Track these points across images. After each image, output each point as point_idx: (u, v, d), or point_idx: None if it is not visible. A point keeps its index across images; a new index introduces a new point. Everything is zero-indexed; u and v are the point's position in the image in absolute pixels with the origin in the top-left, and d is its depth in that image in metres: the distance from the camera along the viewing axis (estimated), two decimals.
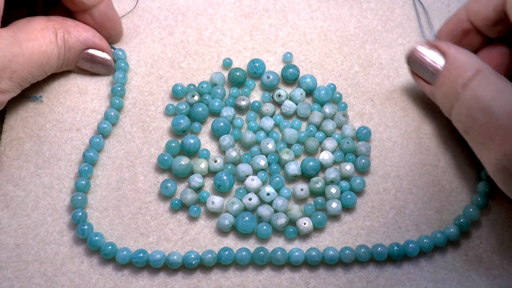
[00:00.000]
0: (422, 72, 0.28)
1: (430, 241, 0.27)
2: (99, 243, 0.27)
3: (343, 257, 0.27)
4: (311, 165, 0.28)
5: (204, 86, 0.30)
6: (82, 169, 0.28)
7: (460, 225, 0.28)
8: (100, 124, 0.29)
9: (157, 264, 0.27)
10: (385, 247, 0.27)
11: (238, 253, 0.27)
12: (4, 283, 0.27)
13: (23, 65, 0.26)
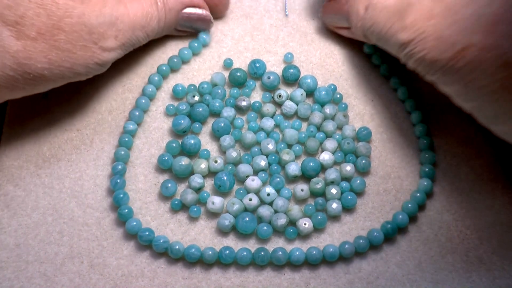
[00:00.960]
0: (338, 21, 0.30)
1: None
2: (136, 228, 0.28)
3: (343, 252, 0.27)
4: (312, 166, 0.28)
5: (205, 86, 0.30)
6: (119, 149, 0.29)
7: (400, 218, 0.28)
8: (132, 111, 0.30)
9: (158, 247, 0.27)
10: (380, 231, 0.28)
11: (239, 253, 0.27)
12: (4, 283, 0.27)
13: (128, 24, 0.27)
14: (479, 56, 0.21)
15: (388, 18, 0.25)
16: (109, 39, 0.27)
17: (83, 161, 0.29)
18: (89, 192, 0.29)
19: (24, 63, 0.24)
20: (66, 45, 0.25)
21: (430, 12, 0.23)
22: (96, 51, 0.26)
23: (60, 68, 0.25)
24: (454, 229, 0.28)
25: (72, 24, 0.25)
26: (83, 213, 0.28)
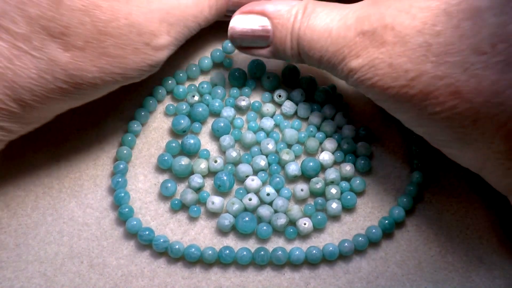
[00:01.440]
0: (253, 43, 0.27)
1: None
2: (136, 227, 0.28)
3: (343, 250, 0.27)
4: (311, 166, 0.28)
5: (205, 86, 0.30)
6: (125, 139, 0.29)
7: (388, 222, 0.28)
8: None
9: (158, 247, 0.27)
10: (378, 227, 0.28)
11: (239, 252, 0.27)
12: (4, 283, 0.27)
13: (179, 17, 0.26)
14: (431, 85, 0.22)
15: (331, 43, 0.25)
16: (161, 37, 0.25)
17: (83, 161, 0.29)
18: (89, 192, 0.29)
19: (75, 75, 0.23)
20: (116, 51, 0.24)
21: (382, 40, 0.23)
22: (148, 52, 0.25)
23: (112, 75, 0.24)
24: (454, 229, 0.28)
25: (119, 28, 0.24)
26: (83, 213, 0.28)
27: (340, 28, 0.24)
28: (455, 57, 0.21)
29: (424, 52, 0.22)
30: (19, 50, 0.22)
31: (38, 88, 0.23)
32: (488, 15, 0.21)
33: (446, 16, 0.21)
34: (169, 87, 0.30)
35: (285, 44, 0.26)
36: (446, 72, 0.21)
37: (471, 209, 0.29)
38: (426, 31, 0.22)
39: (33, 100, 0.24)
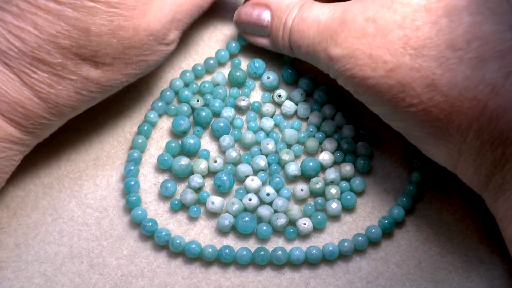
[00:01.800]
0: (254, 30, 0.30)
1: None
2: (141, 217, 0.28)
3: (343, 250, 0.27)
4: (311, 166, 0.28)
5: (206, 86, 0.30)
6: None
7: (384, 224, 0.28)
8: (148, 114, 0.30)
9: (160, 239, 0.27)
10: (378, 227, 0.28)
11: (239, 252, 0.27)
12: (4, 283, 0.27)
13: (187, 11, 0.28)
14: (408, 76, 0.23)
15: (318, 33, 0.26)
16: (172, 33, 0.27)
17: (83, 161, 0.29)
18: (88, 192, 0.29)
19: (106, 85, 0.26)
20: (138, 58, 0.26)
21: (363, 31, 0.24)
22: (162, 49, 0.27)
23: (136, 76, 0.27)
24: (454, 228, 0.28)
25: (141, 39, 0.26)
26: (82, 213, 0.28)
27: (327, 19, 0.25)
28: (432, 51, 0.22)
29: (403, 44, 0.23)
30: (57, 77, 0.25)
31: (77, 103, 0.26)
32: (465, 13, 0.22)
33: (426, 12, 0.23)
34: (188, 79, 0.31)
35: (278, 35, 0.28)
36: (423, 65, 0.22)
37: (471, 209, 0.29)
38: (406, 25, 0.23)
39: (71, 112, 0.26)
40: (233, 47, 0.31)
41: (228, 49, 0.31)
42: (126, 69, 0.26)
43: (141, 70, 0.27)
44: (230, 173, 0.29)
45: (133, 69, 0.27)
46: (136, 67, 0.27)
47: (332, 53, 0.25)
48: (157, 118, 0.30)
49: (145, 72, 0.28)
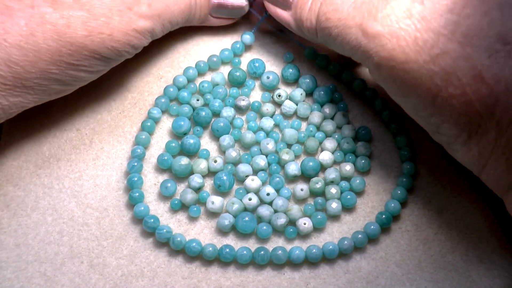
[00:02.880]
0: (277, 2, 0.29)
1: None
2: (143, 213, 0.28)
3: (342, 248, 0.27)
4: (311, 165, 0.28)
5: (205, 85, 0.30)
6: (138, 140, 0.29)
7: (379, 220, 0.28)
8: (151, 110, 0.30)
9: (161, 236, 0.27)
10: (376, 223, 0.28)
11: (239, 251, 0.27)
12: (4, 283, 0.27)
13: (163, 4, 0.27)
14: (455, 64, 0.22)
15: (354, 8, 0.24)
16: (143, 6, 0.27)
17: (83, 161, 0.29)
18: (88, 192, 0.29)
19: (64, 32, 0.25)
20: (101, 11, 0.25)
21: (409, 12, 0.23)
22: (132, 17, 0.26)
23: (101, 36, 0.25)
24: (454, 228, 0.28)
25: None
26: (82, 213, 0.28)
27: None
28: (482, 41, 0.21)
29: (452, 31, 0.22)
30: (9, 9, 0.24)
31: (28, 46, 0.24)
32: None
33: (477, 1, 0.22)
34: (180, 84, 0.31)
35: (305, 7, 0.27)
36: (472, 54, 0.21)
37: (471, 209, 0.29)
38: (456, 11, 0.22)
39: (23, 62, 0.24)
40: (238, 48, 0.31)
41: (232, 49, 0.31)
42: (87, 20, 0.25)
43: (106, 31, 0.26)
44: (230, 173, 0.29)
45: (97, 25, 0.25)
46: (99, 23, 0.25)
47: (370, 29, 0.23)
48: (160, 114, 0.30)
49: (114, 44, 0.26)
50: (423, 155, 0.30)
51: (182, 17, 0.29)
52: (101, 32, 0.25)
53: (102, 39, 0.26)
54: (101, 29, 0.25)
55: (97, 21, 0.25)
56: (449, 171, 0.29)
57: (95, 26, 0.25)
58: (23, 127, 0.30)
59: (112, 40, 0.26)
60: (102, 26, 0.25)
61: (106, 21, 0.26)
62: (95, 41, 0.25)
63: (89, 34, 0.25)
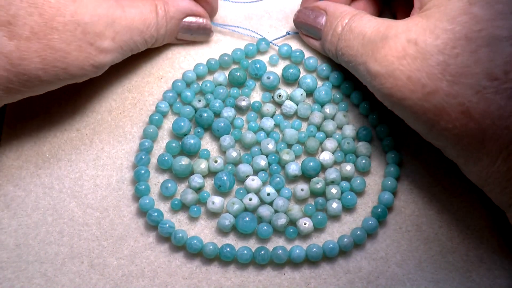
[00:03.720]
0: (309, 31, 0.31)
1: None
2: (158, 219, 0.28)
3: (342, 245, 0.27)
4: (312, 166, 0.28)
5: (208, 85, 0.30)
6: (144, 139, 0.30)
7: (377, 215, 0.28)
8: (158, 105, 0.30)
9: (163, 231, 0.27)
10: (372, 218, 0.28)
11: (239, 250, 0.27)
12: (4, 283, 0.27)
13: (125, 27, 0.27)
14: (444, 101, 0.23)
15: (362, 45, 0.26)
16: (106, 40, 0.26)
17: (83, 161, 0.29)
18: (89, 192, 0.29)
19: (17, 63, 0.24)
20: (60, 45, 0.25)
21: (404, 52, 0.24)
22: (92, 52, 0.26)
23: (55, 69, 0.25)
24: (454, 228, 0.28)
25: (65, 23, 0.25)
26: (83, 213, 0.28)
27: (372, 33, 0.26)
28: (469, 79, 0.23)
29: (442, 70, 0.23)
30: None
31: None
32: (506, 44, 0.22)
33: (466, 41, 0.23)
34: (189, 79, 0.31)
35: (327, 39, 0.29)
36: (460, 92, 0.23)
37: (471, 209, 0.29)
38: (446, 51, 0.23)
39: None
40: (250, 49, 0.31)
41: (245, 50, 0.32)
42: (44, 52, 0.25)
43: (61, 64, 0.25)
44: (231, 173, 0.29)
45: (52, 57, 0.25)
46: (56, 56, 0.25)
47: (371, 69, 0.25)
48: (168, 108, 0.30)
49: (67, 76, 0.26)
50: (423, 155, 0.30)
51: (145, 46, 0.29)
52: (56, 66, 0.25)
53: (56, 72, 0.25)
54: (56, 63, 0.25)
55: (54, 55, 0.25)
56: (450, 172, 0.29)
57: (51, 60, 0.25)
58: (23, 127, 0.30)
59: (67, 74, 0.26)
60: (58, 60, 0.25)
61: (63, 55, 0.25)
62: (49, 73, 0.25)
63: (43, 67, 0.25)
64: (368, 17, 0.27)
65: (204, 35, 0.31)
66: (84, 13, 0.25)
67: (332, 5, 0.30)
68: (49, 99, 0.30)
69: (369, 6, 0.31)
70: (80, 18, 0.25)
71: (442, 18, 0.24)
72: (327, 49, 0.30)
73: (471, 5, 0.23)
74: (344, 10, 0.29)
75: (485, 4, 0.23)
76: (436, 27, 0.24)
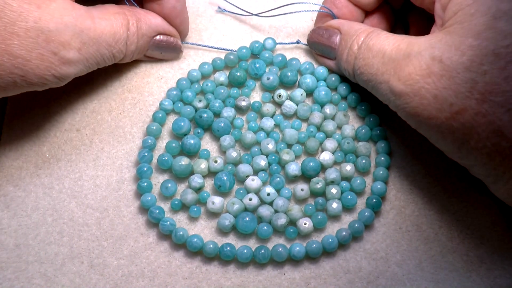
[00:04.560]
0: (323, 51, 0.30)
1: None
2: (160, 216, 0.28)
3: (341, 239, 0.27)
4: (311, 166, 0.28)
5: (209, 84, 0.30)
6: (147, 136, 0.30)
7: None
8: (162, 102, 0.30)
9: (164, 228, 0.27)
10: (368, 209, 0.28)
11: (240, 249, 0.27)
12: (4, 284, 0.27)
13: (93, 39, 0.26)
14: (473, 120, 0.23)
15: (382, 64, 0.26)
16: (72, 51, 0.25)
17: (83, 161, 0.29)
18: (89, 192, 0.29)
19: None
20: (20, 51, 0.24)
21: (429, 70, 0.23)
22: (54, 62, 0.25)
23: (12, 76, 0.24)
24: (454, 228, 0.28)
25: (27, 29, 0.24)
26: (83, 213, 0.28)
27: (392, 50, 0.25)
28: (499, 97, 0.22)
29: (470, 88, 0.22)
30: None
31: None
32: None
33: (494, 57, 0.22)
34: (194, 78, 0.31)
35: (343, 58, 0.29)
36: (490, 110, 0.22)
37: (471, 209, 0.29)
38: (473, 68, 0.22)
39: None
40: (256, 47, 0.31)
41: (250, 48, 0.31)
42: (1, 57, 0.23)
43: (19, 72, 0.24)
44: (231, 173, 0.29)
45: (10, 63, 0.24)
46: (14, 63, 0.24)
47: (395, 88, 0.25)
48: (172, 106, 0.30)
49: (25, 84, 0.25)
50: (423, 155, 0.30)
51: (113, 60, 0.28)
52: (13, 73, 0.24)
53: (13, 79, 0.24)
54: (14, 69, 0.24)
55: (12, 61, 0.24)
56: (450, 172, 0.29)
57: (8, 66, 0.24)
58: (23, 127, 0.30)
59: (25, 81, 0.25)
60: (16, 67, 0.24)
61: (23, 63, 0.24)
62: (5, 79, 0.24)
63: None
64: (385, 34, 0.27)
65: (173, 54, 0.31)
66: (49, 20, 0.24)
67: (346, 23, 0.29)
68: (49, 99, 0.30)
69: (382, 22, 0.31)
70: (44, 25, 0.24)
71: (466, 34, 0.23)
72: (343, 69, 0.29)
73: (496, 19, 0.22)
74: (359, 28, 0.28)
75: (510, 18, 0.22)
76: (461, 43, 0.23)
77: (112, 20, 0.27)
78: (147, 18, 0.29)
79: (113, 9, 0.28)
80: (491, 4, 0.23)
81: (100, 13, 0.27)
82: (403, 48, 0.25)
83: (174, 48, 0.31)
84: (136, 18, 0.28)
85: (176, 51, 0.31)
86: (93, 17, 0.26)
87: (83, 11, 0.26)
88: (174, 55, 0.31)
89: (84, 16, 0.26)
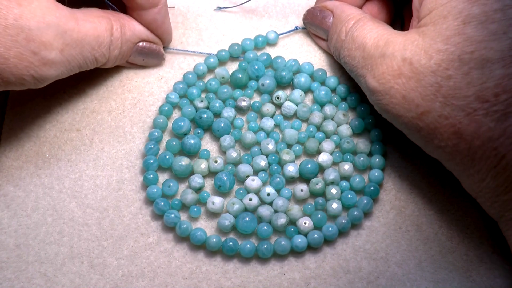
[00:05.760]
0: (317, 31, 0.31)
1: None
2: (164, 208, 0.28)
3: (340, 226, 0.28)
4: (309, 168, 0.28)
5: (213, 83, 0.30)
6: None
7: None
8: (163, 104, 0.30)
9: (168, 220, 0.27)
10: (366, 197, 0.28)
11: (242, 244, 0.27)
12: (4, 284, 0.27)
13: (76, 41, 0.25)
14: (437, 122, 0.24)
15: (362, 58, 0.27)
16: (53, 52, 0.25)
17: (83, 161, 0.29)
18: (89, 192, 0.29)
19: None
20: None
21: (399, 71, 0.25)
22: (34, 62, 0.24)
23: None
24: (454, 228, 0.28)
25: (6, 26, 0.23)
26: (83, 213, 0.28)
27: (372, 46, 0.26)
28: (460, 101, 0.23)
29: (434, 92, 0.24)
30: None
31: None
32: (497, 66, 0.23)
33: (459, 62, 0.23)
34: (200, 71, 0.31)
35: (331, 42, 0.30)
36: (451, 113, 0.23)
37: (472, 209, 0.29)
38: (439, 73, 0.24)
39: None
40: (260, 41, 0.32)
41: (254, 41, 0.32)
42: None
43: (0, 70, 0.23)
44: (231, 173, 0.29)
45: None
46: None
47: (370, 85, 0.26)
48: (178, 99, 0.30)
49: (1, 83, 0.24)
50: (423, 155, 0.30)
51: (95, 64, 0.28)
52: None
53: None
54: None
55: None
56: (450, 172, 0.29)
57: None
58: (23, 127, 0.30)
59: (1, 80, 0.24)
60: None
61: (0, 61, 0.23)
62: None
63: None
64: (371, 25, 0.27)
65: (155, 61, 0.31)
66: (30, 18, 0.24)
67: (339, 6, 0.30)
68: (49, 99, 0.30)
69: (382, 11, 0.31)
70: (24, 23, 0.23)
71: (436, 38, 0.24)
72: (332, 52, 0.30)
73: (465, 24, 0.23)
74: (350, 13, 0.29)
75: (478, 24, 0.23)
76: (431, 47, 0.24)
77: (96, 23, 0.27)
78: (131, 24, 0.29)
79: (97, 12, 0.28)
80: (463, 7, 0.23)
81: (84, 16, 0.26)
82: (381, 45, 0.26)
83: (157, 55, 0.31)
84: (121, 23, 0.28)
85: (158, 58, 0.31)
86: (77, 19, 0.26)
87: (67, 12, 0.25)
88: (156, 62, 0.31)
89: (68, 17, 0.25)
